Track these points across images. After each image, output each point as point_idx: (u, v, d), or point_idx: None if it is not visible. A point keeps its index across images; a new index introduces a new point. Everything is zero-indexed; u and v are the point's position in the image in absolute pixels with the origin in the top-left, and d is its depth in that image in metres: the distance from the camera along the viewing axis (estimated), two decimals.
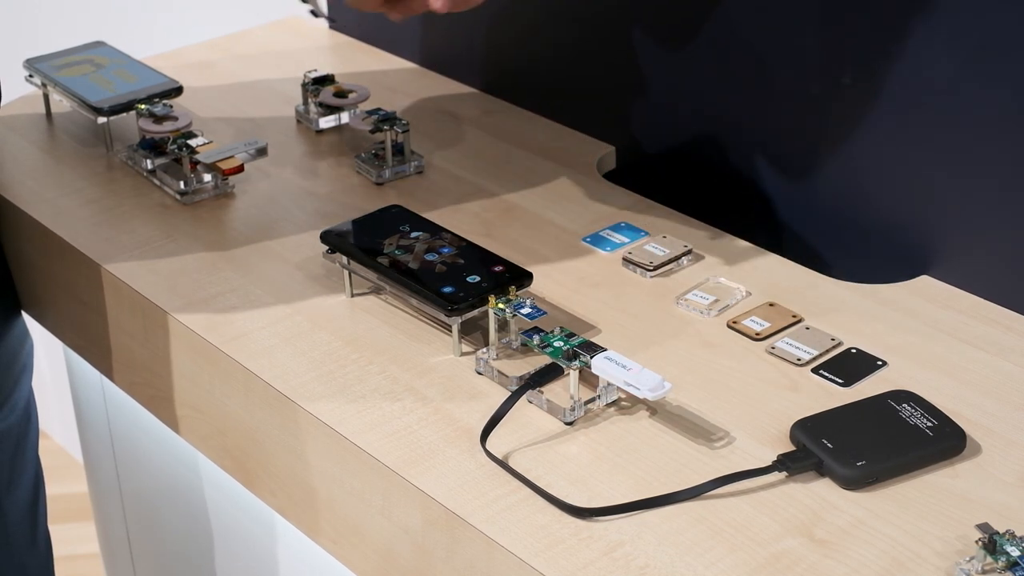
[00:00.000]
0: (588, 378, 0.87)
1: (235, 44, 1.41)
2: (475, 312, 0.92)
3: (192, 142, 1.12)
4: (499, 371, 0.90)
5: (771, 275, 1.01)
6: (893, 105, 1.00)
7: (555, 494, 0.80)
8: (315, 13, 1.07)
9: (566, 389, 0.86)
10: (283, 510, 0.95)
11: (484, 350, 0.91)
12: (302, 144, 1.21)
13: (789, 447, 0.83)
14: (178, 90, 1.20)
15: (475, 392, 0.89)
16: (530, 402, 0.88)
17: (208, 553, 1.21)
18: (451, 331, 0.92)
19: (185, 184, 1.11)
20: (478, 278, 0.94)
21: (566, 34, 1.23)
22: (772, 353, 0.92)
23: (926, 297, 0.98)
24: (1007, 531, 0.74)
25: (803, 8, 1.04)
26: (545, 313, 0.92)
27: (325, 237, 1.00)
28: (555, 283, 1.00)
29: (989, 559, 0.73)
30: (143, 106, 1.17)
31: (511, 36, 1.28)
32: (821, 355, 0.92)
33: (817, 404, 0.87)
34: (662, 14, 1.14)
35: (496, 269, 0.95)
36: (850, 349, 0.92)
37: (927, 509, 0.79)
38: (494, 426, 0.85)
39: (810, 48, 1.05)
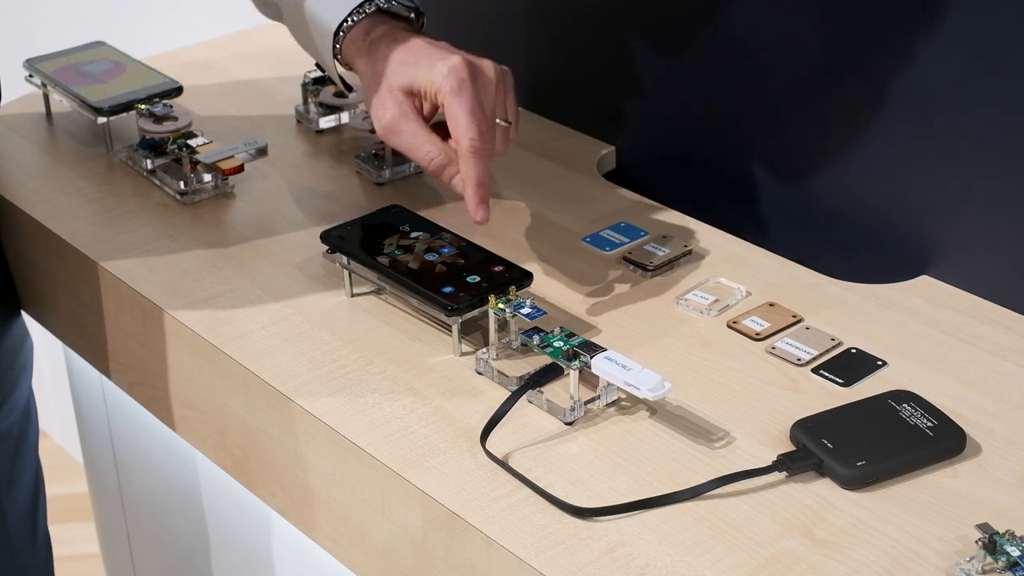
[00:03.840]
0: (588, 378, 0.87)
1: (235, 44, 1.40)
2: (475, 312, 0.92)
3: (192, 142, 1.12)
4: (499, 371, 0.90)
5: (771, 275, 1.01)
6: (893, 105, 1.00)
7: (555, 494, 0.80)
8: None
9: (566, 389, 0.86)
10: (283, 510, 0.95)
11: (484, 350, 0.91)
12: (302, 144, 1.21)
13: (789, 447, 0.83)
14: (178, 90, 1.20)
15: (475, 392, 0.89)
16: (530, 402, 0.88)
17: (208, 553, 1.21)
18: (451, 331, 0.92)
19: (185, 184, 1.11)
20: (478, 278, 0.94)
21: (566, 34, 1.23)
22: (772, 353, 0.92)
23: (926, 297, 0.98)
24: (1007, 531, 0.74)
25: (802, 8, 1.04)
26: (545, 313, 0.92)
27: (325, 237, 1.00)
28: (555, 283, 1.00)
29: (989, 559, 0.73)
30: (143, 106, 1.17)
31: (511, 36, 1.28)
32: (821, 355, 0.92)
33: (817, 404, 0.87)
34: (662, 14, 1.14)
35: (496, 269, 0.95)
36: (850, 349, 0.92)
37: (927, 509, 0.79)
38: (494, 426, 0.85)
39: (810, 48, 1.05)
